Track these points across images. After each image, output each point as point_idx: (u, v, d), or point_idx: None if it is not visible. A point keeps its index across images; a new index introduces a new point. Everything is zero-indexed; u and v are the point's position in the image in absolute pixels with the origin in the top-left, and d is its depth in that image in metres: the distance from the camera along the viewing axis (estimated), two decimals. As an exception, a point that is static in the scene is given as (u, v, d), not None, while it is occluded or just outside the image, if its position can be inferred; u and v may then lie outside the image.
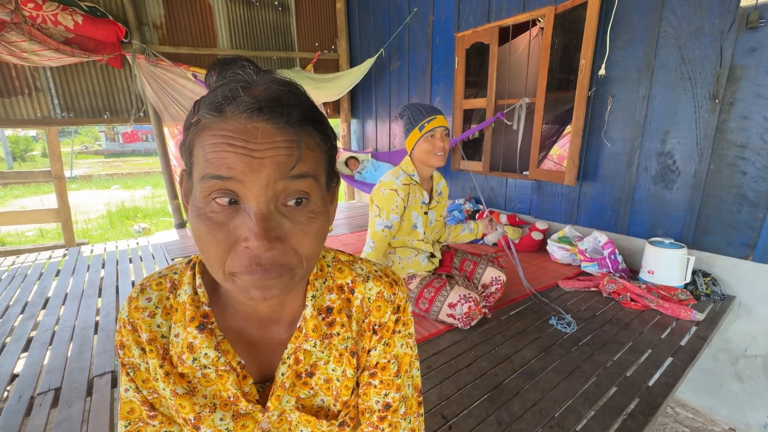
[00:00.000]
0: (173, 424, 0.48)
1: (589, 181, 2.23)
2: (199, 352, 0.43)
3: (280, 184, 0.34)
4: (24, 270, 2.45)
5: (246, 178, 0.33)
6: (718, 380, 1.78)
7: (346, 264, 0.50)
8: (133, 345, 0.45)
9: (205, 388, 0.45)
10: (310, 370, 0.48)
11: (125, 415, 0.47)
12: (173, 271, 0.47)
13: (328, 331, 0.47)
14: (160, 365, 0.44)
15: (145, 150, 20.11)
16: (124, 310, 0.45)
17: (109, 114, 3.11)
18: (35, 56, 2.59)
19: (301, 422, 0.48)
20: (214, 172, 0.34)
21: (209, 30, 3.38)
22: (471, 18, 2.75)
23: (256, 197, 0.34)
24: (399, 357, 0.51)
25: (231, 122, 0.34)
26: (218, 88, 0.36)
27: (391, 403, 0.51)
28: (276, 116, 0.33)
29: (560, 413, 1.05)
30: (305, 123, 0.36)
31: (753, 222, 1.62)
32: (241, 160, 0.33)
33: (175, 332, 0.44)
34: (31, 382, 1.31)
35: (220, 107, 0.34)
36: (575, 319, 1.54)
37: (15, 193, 9.06)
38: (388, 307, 0.49)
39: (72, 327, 1.70)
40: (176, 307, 0.45)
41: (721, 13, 1.61)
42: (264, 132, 0.33)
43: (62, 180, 3.18)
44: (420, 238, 1.60)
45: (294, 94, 0.36)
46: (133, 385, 0.46)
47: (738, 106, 1.61)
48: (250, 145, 0.33)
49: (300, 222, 0.36)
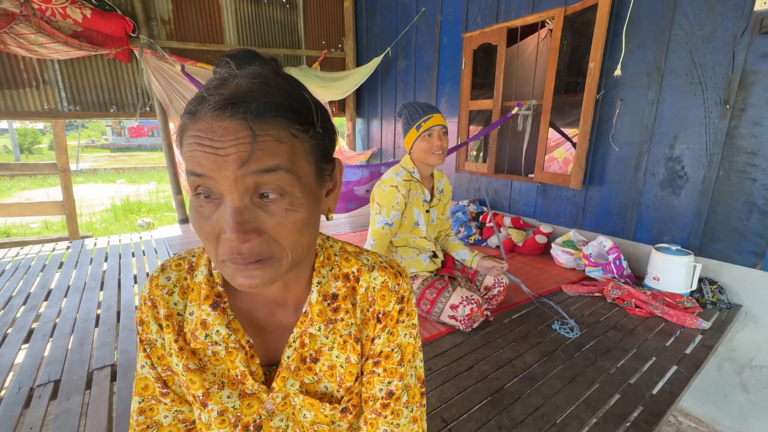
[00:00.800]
0: (184, 404, 0.51)
1: (595, 185, 2.21)
2: (212, 329, 0.45)
3: (249, 179, 0.35)
4: (28, 261, 2.47)
5: (215, 175, 0.35)
6: (723, 390, 1.76)
7: (353, 254, 0.52)
8: (152, 321, 0.47)
9: (214, 366, 0.48)
10: (314, 355, 0.49)
11: (139, 391, 0.50)
12: (192, 254, 0.51)
13: (332, 317, 0.48)
14: (174, 340, 0.47)
15: (150, 145, 20.22)
16: (146, 288, 0.48)
17: (115, 108, 3.12)
18: (43, 49, 2.60)
19: (305, 406, 0.50)
20: (192, 168, 0.36)
21: (217, 26, 3.38)
22: (479, 18, 2.73)
23: (229, 192, 0.35)
24: (402, 346, 0.52)
25: (201, 122, 0.35)
26: (200, 90, 0.38)
27: (394, 391, 0.52)
28: (239, 112, 0.34)
29: (562, 419, 1.03)
30: (273, 115, 0.35)
31: (762, 230, 1.60)
32: (208, 158, 0.34)
33: (190, 310, 0.47)
34: (31, 374, 1.31)
35: (193, 109, 0.36)
36: (578, 324, 1.53)
37: (21, 185, 9.14)
38: (392, 297, 0.50)
39: (73, 319, 1.70)
40: (192, 287, 0.48)
41: (735, 18, 1.58)
42: (227, 129, 0.34)
43: (68, 173, 3.20)
44: (422, 236, 1.59)
45: (266, 85, 0.36)
46: (149, 361, 0.49)
47: (749, 112, 1.59)
48: (216, 143, 0.34)
49: (277, 214, 0.37)
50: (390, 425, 0.52)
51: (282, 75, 0.39)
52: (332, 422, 0.51)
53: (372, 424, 0.53)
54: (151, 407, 0.50)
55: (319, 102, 0.40)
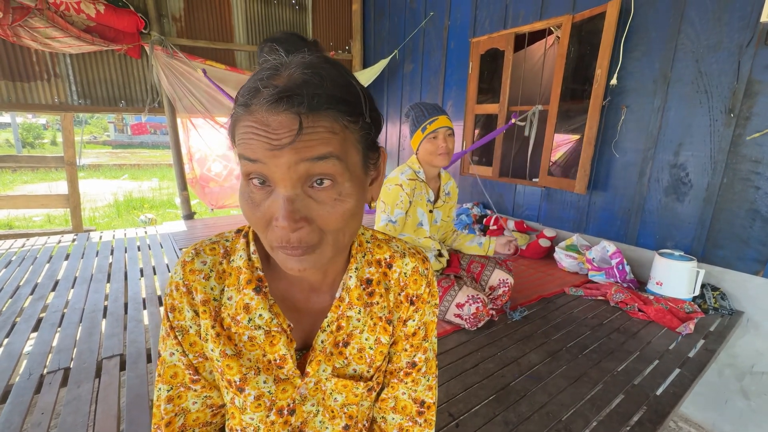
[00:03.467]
0: (213, 390, 0.51)
1: (600, 191, 2.23)
2: (255, 313, 0.46)
3: (302, 166, 0.36)
4: (34, 252, 2.48)
5: (269, 162, 0.36)
6: (723, 396, 1.77)
7: (384, 241, 0.54)
8: (186, 307, 0.46)
9: (249, 351, 0.47)
10: (346, 339, 0.51)
11: (168, 380, 0.48)
12: (224, 239, 0.50)
13: (369, 300, 0.51)
14: (212, 326, 0.46)
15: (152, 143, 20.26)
16: (177, 274, 0.47)
17: (124, 103, 3.15)
18: (56, 42, 2.63)
19: (337, 389, 0.51)
20: (245, 154, 0.37)
21: (227, 25, 3.42)
22: (487, 24, 2.77)
23: (281, 180, 0.36)
24: (427, 324, 0.56)
25: (255, 115, 0.36)
26: (251, 78, 0.38)
27: (417, 363, 0.56)
28: (294, 105, 0.35)
29: (567, 417, 1.05)
30: (326, 108, 0.36)
31: (765, 238, 1.62)
32: (263, 146, 0.35)
33: (228, 295, 0.47)
34: (41, 361, 1.32)
35: (247, 101, 0.37)
36: (582, 327, 1.54)
37: (24, 179, 9.15)
38: (423, 281, 0.54)
39: (81, 310, 1.71)
40: (229, 271, 0.48)
41: (741, 28, 1.61)
42: (282, 122, 0.35)
43: (74, 166, 3.21)
44: (426, 236, 1.61)
45: (319, 75, 0.36)
46: (180, 348, 0.48)
47: (754, 120, 1.61)
48: (270, 135, 0.35)
49: (326, 203, 0.38)
50: (409, 390, 0.57)
51: (332, 63, 0.39)
52: (360, 402, 0.53)
53: (393, 387, 0.57)
54: (179, 395, 0.49)
55: (367, 91, 0.41)
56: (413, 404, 0.57)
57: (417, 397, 0.57)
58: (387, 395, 0.57)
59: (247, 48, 3.52)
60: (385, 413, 0.58)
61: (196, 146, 3.48)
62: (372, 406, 0.58)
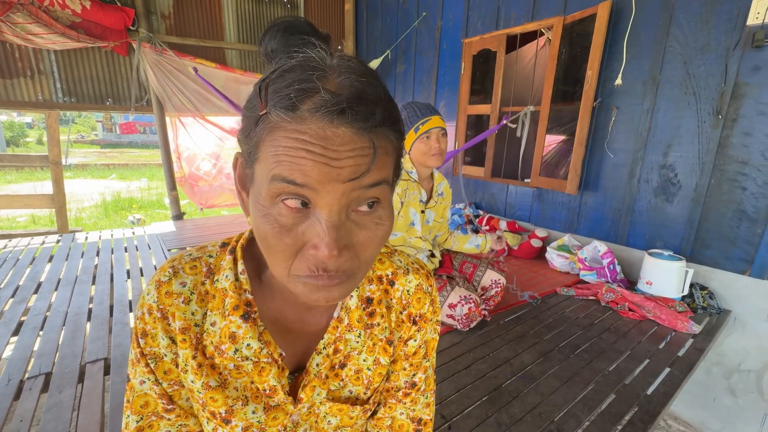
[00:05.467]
0: (190, 417, 0.46)
1: (590, 191, 2.25)
2: (242, 343, 0.41)
3: (355, 193, 0.32)
4: (16, 254, 2.41)
5: (321, 187, 0.31)
6: (711, 394, 1.79)
7: (386, 255, 0.50)
8: (161, 334, 0.41)
9: (235, 380, 0.43)
10: (343, 361, 0.47)
11: (138, 410, 0.43)
12: (207, 254, 0.44)
13: (369, 321, 0.47)
14: (192, 356, 0.41)
15: (141, 142, 19.94)
16: (151, 296, 0.40)
17: (111, 101, 3.09)
18: (39, 39, 2.56)
19: (331, 412, 0.47)
20: (288, 176, 0.31)
21: (217, 23, 3.37)
22: (479, 25, 2.77)
23: (329, 206, 0.32)
24: (428, 342, 0.52)
25: (308, 124, 0.30)
26: (288, 74, 0.32)
27: (417, 383, 0.53)
28: (358, 120, 0.30)
29: (560, 417, 1.04)
30: (386, 126, 0.33)
31: (751, 237, 1.64)
32: (319, 169, 0.30)
33: (212, 320, 0.41)
34: (20, 366, 1.28)
35: (295, 105, 0.30)
36: (574, 326, 1.55)
37: (8, 179, 8.92)
38: (427, 299, 0.50)
39: (65, 313, 1.66)
40: (213, 293, 0.42)
41: (728, 31, 1.64)
42: (345, 138, 0.30)
43: (59, 166, 3.14)
44: (417, 236, 1.60)
45: (375, 87, 0.32)
46: (152, 377, 0.42)
47: (741, 122, 1.64)
48: (329, 153, 0.30)
49: (368, 228, 0.35)
50: (407, 410, 0.54)
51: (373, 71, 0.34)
52: (355, 423, 0.50)
53: (390, 407, 0.54)
54: (150, 424, 0.44)
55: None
56: (411, 423, 0.54)
57: (415, 416, 0.54)
58: (384, 414, 0.54)
59: (238, 46, 3.48)
60: (381, 430, 0.55)
61: (185, 145, 3.43)
62: (365, 422, 0.55)
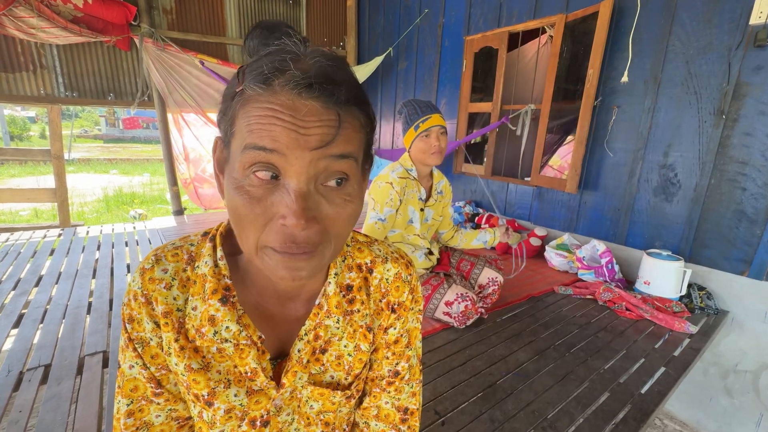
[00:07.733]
0: (178, 402, 0.47)
1: (590, 190, 2.24)
2: (221, 325, 0.43)
3: (322, 162, 0.34)
4: (18, 247, 2.43)
5: (290, 153, 0.33)
6: (708, 394, 1.79)
7: (365, 244, 0.52)
8: (146, 318, 0.43)
9: (219, 363, 0.44)
10: (324, 346, 0.48)
11: (128, 393, 0.45)
12: (189, 243, 0.46)
13: (348, 308, 0.48)
14: (175, 339, 0.43)
15: (144, 137, 19.98)
16: (136, 282, 0.43)
17: (113, 96, 3.09)
18: (42, 33, 2.57)
19: (313, 397, 0.49)
20: (258, 142, 0.33)
21: (219, 18, 3.37)
22: (481, 22, 2.76)
23: (297, 174, 0.34)
24: (410, 331, 0.54)
25: (279, 96, 0.33)
26: (264, 57, 0.35)
27: (400, 371, 0.54)
28: (325, 94, 0.33)
29: (553, 415, 1.05)
30: (352, 103, 0.35)
31: (750, 238, 1.64)
32: (288, 135, 0.33)
33: (193, 305, 0.43)
34: (20, 358, 1.29)
35: (268, 79, 0.33)
36: (571, 325, 1.55)
37: (11, 173, 8.98)
38: (406, 287, 0.51)
39: (65, 306, 1.68)
40: (194, 279, 0.44)
41: (730, 31, 1.62)
42: (312, 109, 0.33)
43: (61, 160, 3.15)
44: (416, 233, 1.60)
45: (343, 71, 0.36)
46: (140, 361, 0.44)
47: (742, 122, 1.63)
48: (298, 121, 0.33)
49: (337, 203, 0.36)
50: (392, 399, 0.55)
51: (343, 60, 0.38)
52: (338, 409, 0.51)
53: (375, 396, 0.55)
54: (140, 408, 0.45)
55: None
56: (396, 412, 0.55)
57: (400, 405, 0.55)
58: (369, 404, 0.56)
59: (240, 42, 3.47)
60: (368, 419, 0.57)
61: (191, 145, 3.40)
62: (352, 411, 0.56)
